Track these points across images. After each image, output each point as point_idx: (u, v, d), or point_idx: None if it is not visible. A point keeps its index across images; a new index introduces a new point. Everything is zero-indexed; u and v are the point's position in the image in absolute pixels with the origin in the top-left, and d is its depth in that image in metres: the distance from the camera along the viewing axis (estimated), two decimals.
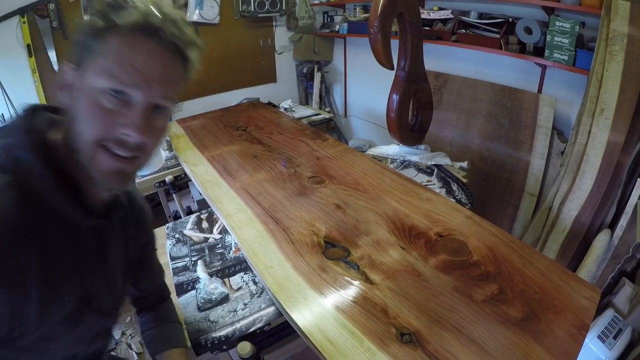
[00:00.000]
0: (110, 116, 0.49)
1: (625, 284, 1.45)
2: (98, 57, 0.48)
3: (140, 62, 0.49)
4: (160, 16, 0.49)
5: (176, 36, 0.51)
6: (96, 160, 0.51)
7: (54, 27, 2.61)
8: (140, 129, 0.50)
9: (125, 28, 0.48)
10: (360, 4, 3.17)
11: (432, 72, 2.61)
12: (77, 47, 0.50)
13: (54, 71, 2.69)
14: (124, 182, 0.55)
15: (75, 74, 0.51)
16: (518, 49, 2.06)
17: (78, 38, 0.50)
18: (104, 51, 0.48)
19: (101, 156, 0.51)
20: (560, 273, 1.01)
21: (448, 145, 2.60)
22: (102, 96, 0.49)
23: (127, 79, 0.49)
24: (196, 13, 3.11)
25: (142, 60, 0.49)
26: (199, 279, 1.14)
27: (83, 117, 0.50)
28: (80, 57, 0.50)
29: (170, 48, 0.51)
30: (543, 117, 2.09)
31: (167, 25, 0.50)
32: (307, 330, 0.87)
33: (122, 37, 0.48)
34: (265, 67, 3.76)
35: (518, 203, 2.29)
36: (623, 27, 1.62)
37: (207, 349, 0.95)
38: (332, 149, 1.82)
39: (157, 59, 0.50)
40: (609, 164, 1.75)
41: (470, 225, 1.22)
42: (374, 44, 1.56)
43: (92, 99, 0.49)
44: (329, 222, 1.25)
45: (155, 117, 0.53)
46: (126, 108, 0.50)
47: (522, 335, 0.84)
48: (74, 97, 0.51)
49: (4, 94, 2.54)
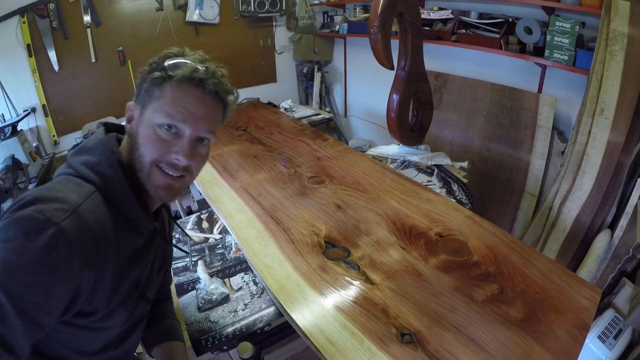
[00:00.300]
0: (165, 144, 0.65)
1: (625, 284, 1.45)
2: (158, 100, 0.64)
3: (189, 104, 0.65)
4: (204, 71, 0.65)
5: (217, 86, 0.66)
6: (152, 176, 0.66)
7: (54, 27, 2.61)
8: (188, 155, 0.66)
9: (178, 80, 0.63)
10: (360, 4, 3.17)
11: (432, 72, 2.61)
12: (141, 91, 0.66)
13: (54, 71, 2.70)
14: (173, 195, 0.71)
15: (139, 111, 0.66)
16: (518, 49, 2.06)
17: (142, 84, 0.66)
18: (162, 95, 0.64)
19: (156, 174, 0.66)
20: (561, 273, 1.01)
21: (448, 145, 2.60)
22: (159, 129, 0.65)
23: (179, 117, 0.64)
24: (196, 13, 3.11)
25: (191, 103, 0.65)
26: (200, 279, 1.14)
27: (145, 144, 0.65)
28: (144, 99, 0.65)
29: (212, 95, 0.67)
30: (543, 117, 2.09)
31: (210, 78, 0.65)
32: (308, 331, 0.87)
33: (176, 86, 0.64)
34: (265, 67, 3.76)
35: (518, 203, 2.29)
36: (623, 27, 1.62)
37: (208, 349, 0.95)
38: (332, 149, 1.82)
39: (202, 103, 0.66)
40: (609, 164, 1.75)
41: (471, 225, 1.22)
42: (374, 44, 1.56)
43: (152, 131, 0.65)
44: (329, 222, 1.25)
45: (199, 147, 0.69)
46: (177, 139, 0.66)
47: (523, 335, 0.84)
48: (138, 129, 0.66)
49: (4, 94, 2.54)
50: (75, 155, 0.66)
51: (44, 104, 2.71)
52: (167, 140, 0.65)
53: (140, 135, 0.65)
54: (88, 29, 2.75)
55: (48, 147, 2.82)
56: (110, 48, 2.90)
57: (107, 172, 0.63)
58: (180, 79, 0.63)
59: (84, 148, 0.67)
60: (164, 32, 3.04)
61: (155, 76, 0.64)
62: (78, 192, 0.59)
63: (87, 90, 2.89)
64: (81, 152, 0.66)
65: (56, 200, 0.56)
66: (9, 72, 2.55)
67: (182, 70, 0.64)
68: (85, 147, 0.67)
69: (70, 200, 0.57)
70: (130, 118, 0.69)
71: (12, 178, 2.03)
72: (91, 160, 0.64)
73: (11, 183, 2.01)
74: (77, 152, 0.67)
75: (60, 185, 0.61)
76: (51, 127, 2.79)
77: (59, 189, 0.59)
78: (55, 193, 0.57)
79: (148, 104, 0.65)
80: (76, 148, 0.68)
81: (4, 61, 2.52)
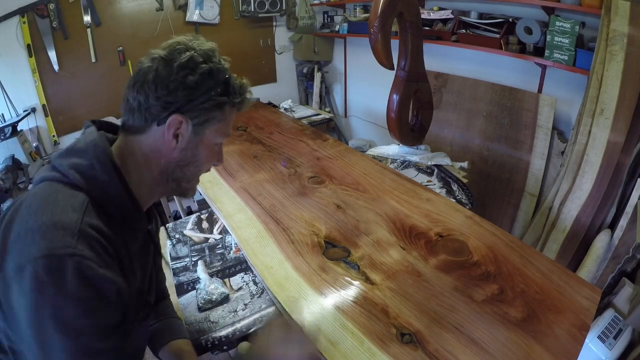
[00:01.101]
0: (215, 155, 0.74)
1: (625, 284, 1.45)
2: (220, 122, 0.69)
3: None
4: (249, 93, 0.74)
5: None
6: (194, 183, 0.75)
7: (54, 27, 2.61)
8: (222, 160, 0.77)
9: (236, 104, 0.70)
10: (360, 4, 3.17)
11: (432, 72, 2.61)
12: (200, 112, 0.66)
13: (54, 71, 2.70)
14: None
15: (192, 128, 0.67)
16: (518, 49, 2.06)
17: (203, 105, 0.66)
18: (223, 118, 0.69)
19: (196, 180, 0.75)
20: (561, 273, 1.01)
21: (448, 145, 2.60)
22: (216, 146, 0.73)
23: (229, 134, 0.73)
24: (196, 13, 3.11)
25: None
26: (199, 279, 1.14)
27: (203, 160, 0.71)
28: (199, 117, 0.66)
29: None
30: (543, 117, 2.09)
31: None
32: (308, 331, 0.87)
33: (234, 109, 0.71)
34: (265, 67, 3.76)
35: (518, 203, 2.29)
36: (623, 27, 1.62)
37: (208, 349, 0.95)
38: (332, 149, 1.82)
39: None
40: (609, 164, 1.75)
41: (471, 225, 1.22)
42: (374, 44, 1.56)
43: (212, 149, 0.71)
44: (329, 222, 1.25)
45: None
46: (219, 149, 0.75)
47: (523, 335, 0.84)
48: (192, 147, 0.68)
49: (4, 94, 2.54)
50: (62, 157, 0.62)
51: (44, 104, 2.71)
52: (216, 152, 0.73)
53: (197, 154, 0.69)
54: (88, 29, 2.75)
55: (48, 147, 2.82)
56: (110, 48, 2.90)
57: (101, 177, 0.61)
58: (239, 104, 0.70)
59: (73, 150, 0.63)
60: (164, 32, 3.04)
61: (219, 100, 0.66)
62: (73, 206, 0.56)
63: (87, 90, 2.88)
64: (70, 154, 0.63)
65: (55, 226, 0.53)
66: (9, 72, 2.54)
67: (246, 100, 0.71)
68: (75, 149, 0.63)
69: (69, 221, 0.54)
70: (176, 133, 0.66)
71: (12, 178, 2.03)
72: (82, 164, 0.61)
73: (11, 183, 2.01)
74: (66, 154, 0.63)
75: (50, 198, 0.57)
76: (51, 127, 2.79)
77: (51, 207, 0.56)
78: (51, 216, 0.54)
79: (207, 125, 0.67)
80: (64, 149, 0.64)
81: (4, 61, 2.52)
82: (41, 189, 0.60)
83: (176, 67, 0.63)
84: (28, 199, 0.59)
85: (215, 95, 0.65)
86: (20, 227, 0.55)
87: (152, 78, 0.63)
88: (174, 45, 0.65)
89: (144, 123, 0.65)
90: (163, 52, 0.64)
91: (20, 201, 0.60)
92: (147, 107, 0.64)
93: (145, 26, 2.99)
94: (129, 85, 0.65)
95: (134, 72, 0.66)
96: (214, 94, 0.65)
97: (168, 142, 0.66)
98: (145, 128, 0.65)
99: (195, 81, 0.64)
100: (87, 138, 0.64)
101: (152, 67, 0.63)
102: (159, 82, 0.63)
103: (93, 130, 0.66)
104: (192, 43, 0.66)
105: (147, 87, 0.63)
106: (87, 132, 0.66)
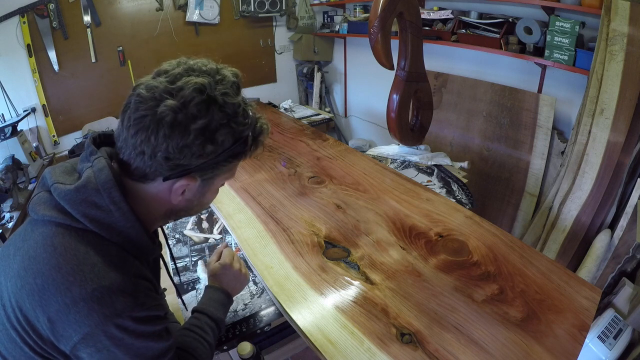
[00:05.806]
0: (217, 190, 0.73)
1: (625, 284, 1.45)
2: (230, 171, 0.69)
3: None
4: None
5: None
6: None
7: (54, 27, 2.61)
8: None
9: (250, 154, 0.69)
10: (360, 4, 3.17)
11: (432, 72, 2.61)
12: (211, 169, 0.63)
13: (54, 71, 2.70)
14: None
15: (201, 183, 0.65)
16: (518, 49, 2.06)
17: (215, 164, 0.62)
18: (229, 169, 0.68)
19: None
20: (561, 273, 1.01)
21: (448, 145, 2.60)
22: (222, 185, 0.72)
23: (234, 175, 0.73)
24: (196, 13, 3.11)
25: None
26: (200, 279, 1.14)
27: (206, 201, 0.71)
28: (209, 172, 0.63)
29: None
30: (543, 117, 2.09)
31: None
32: (307, 331, 0.87)
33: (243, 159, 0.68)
34: (265, 67, 3.76)
35: (518, 203, 2.29)
36: (623, 27, 1.62)
37: None
38: (332, 149, 1.82)
39: None
40: (609, 164, 1.75)
41: (471, 225, 1.22)
42: (374, 44, 1.55)
43: (216, 190, 0.72)
44: (329, 222, 1.25)
45: None
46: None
47: (523, 335, 0.84)
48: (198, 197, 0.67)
49: (4, 94, 2.54)
50: (78, 203, 0.57)
51: (44, 104, 2.71)
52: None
53: (203, 198, 0.69)
54: (88, 29, 2.75)
55: (48, 147, 2.82)
56: (110, 48, 2.90)
57: (120, 223, 0.58)
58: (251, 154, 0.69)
59: (86, 190, 0.57)
60: (164, 32, 3.04)
61: (233, 159, 0.65)
62: (112, 263, 0.57)
63: (87, 90, 2.88)
64: (83, 194, 0.57)
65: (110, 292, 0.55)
66: (9, 72, 2.54)
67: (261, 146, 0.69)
68: (88, 190, 0.57)
69: (120, 281, 0.56)
70: (183, 190, 0.63)
71: (12, 178, 2.03)
72: (103, 218, 0.57)
73: (11, 183, 2.01)
74: (80, 200, 0.57)
75: (80, 257, 0.55)
76: (51, 127, 2.79)
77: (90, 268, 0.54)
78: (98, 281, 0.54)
79: (217, 176, 0.66)
80: (73, 187, 0.57)
81: (4, 61, 2.52)
82: (60, 241, 0.56)
83: (193, 131, 0.55)
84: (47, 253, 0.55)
85: (232, 156, 0.63)
86: (60, 298, 0.53)
87: (162, 136, 0.55)
88: (189, 88, 0.55)
89: (148, 175, 0.60)
90: (174, 102, 0.54)
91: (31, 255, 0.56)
92: (153, 162, 0.57)
93: (145, 26, 2.99)
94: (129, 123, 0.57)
95: (134, 104, 0.56)
96: (230, 156, 0.62)
97: (175, 195, 0.63)
98: (149, 179, 0.61)
99: (214, 150, 0.59)
100: (100, 176, 0.57)
101: (162, 120, 0.54)
102: (171, 143, 0.55)
103: (103, 163, 0.59)
104: (212, 84, 0.57)
105: (154, 140, 0.55)
106: (97, 165, 0.59)
